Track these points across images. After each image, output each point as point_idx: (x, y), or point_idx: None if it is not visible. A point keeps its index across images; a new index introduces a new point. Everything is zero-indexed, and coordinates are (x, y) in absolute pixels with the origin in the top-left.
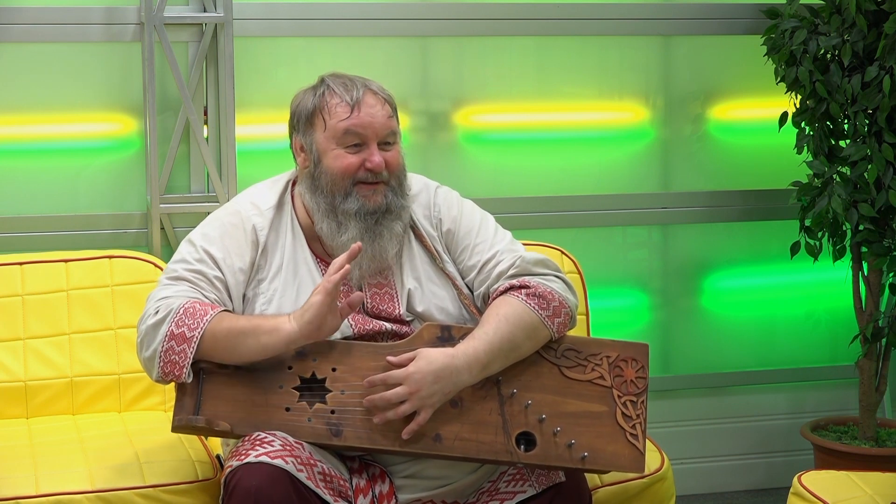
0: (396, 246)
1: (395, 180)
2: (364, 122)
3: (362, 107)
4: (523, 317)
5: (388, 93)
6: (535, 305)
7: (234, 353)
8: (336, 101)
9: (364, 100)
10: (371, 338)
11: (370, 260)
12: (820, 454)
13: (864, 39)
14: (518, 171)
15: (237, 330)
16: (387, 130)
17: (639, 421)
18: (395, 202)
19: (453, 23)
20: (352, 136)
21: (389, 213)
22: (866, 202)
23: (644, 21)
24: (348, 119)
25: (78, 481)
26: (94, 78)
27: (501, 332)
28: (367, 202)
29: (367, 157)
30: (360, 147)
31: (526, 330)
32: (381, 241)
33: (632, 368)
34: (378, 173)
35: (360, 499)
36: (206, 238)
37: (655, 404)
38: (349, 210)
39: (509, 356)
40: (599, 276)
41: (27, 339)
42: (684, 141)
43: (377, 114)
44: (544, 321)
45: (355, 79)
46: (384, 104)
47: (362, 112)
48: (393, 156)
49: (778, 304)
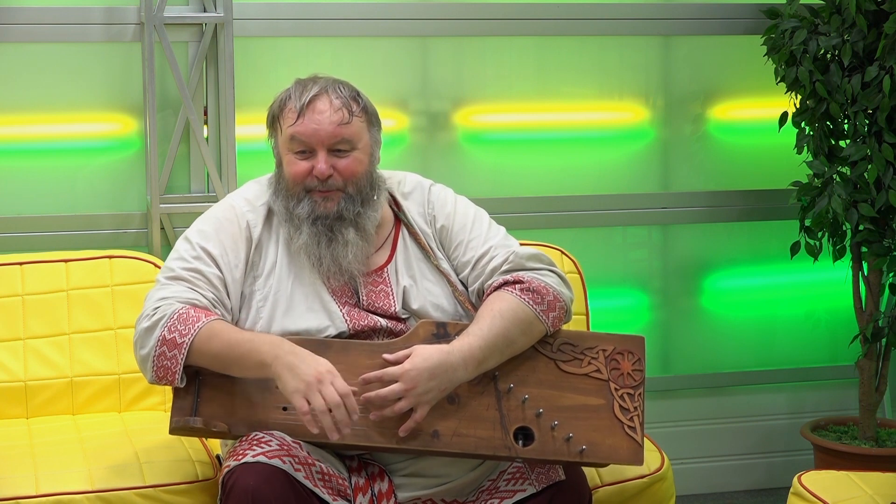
0: (353, 251)
1: (352, 188)
2: (308, 129)
3: (307, 113)
4: (518, 312)
5: (352, 95)
6: (530, 300)
7: (223, 371)
8: (290, 105)
9: (313, 105)
10: (366, 334)
11: (329, 262)
12: (820, 454)
13: (864, 39)
14: (518, 171)
15: (222, 357)
16: (335, 138)
17: (636, 413)
18: (349, 209)
19: (453, 23)
20: (297, 142)
21: (342, 219)
22: (866, 202)
23: (644, 21)
24: (293, 126)
25: (78, 481)
26: (94, 78)
27: (496, 328)
28: (317, 207)
29: (314, 163)
30: (309, 154)
31: (521, 325)
32: (335, 247)
33: (628, 361)
34: (324, 181)
35: (359, 497)
36: (202, 235)
37: (655, 404)
38: (300, 214)
39: (505, 352)
40: (599, 276)
41: (27, 339)
42: (684, 141)
43: (324, 121)
44: (539, 316)
45: (319, 81)
46: (338, 110)
47: (306, 118)
48: (347, 164)
49: (778, 304)
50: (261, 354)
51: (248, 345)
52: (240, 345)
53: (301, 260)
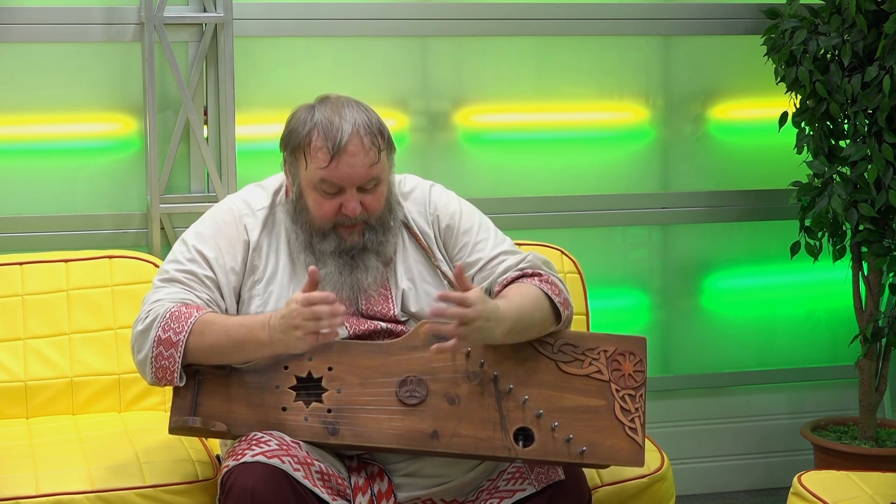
0: (374, 275)
1: (374, 220)
2: (342, 173)
3: (342, 156)
4: (540, 299)
5: (378, 129)
6: (550, 291)
7: (223, 363)
8: (319, 144)
9: (346, 148)
10: (367, 337)
11: (349, 289)
12: (820, 454)
13: (864, 39)
14: (518, 171)
15: (219, 348)
16: (366, 179)
17: (637, 415)
18: (373, 240)
19: (453, 23)
20: (328, 184)
21: (365, 250)
22: (866, 202)
23: (644, 21)
24: (326, 169)
25: (78, 481)
26: (94, 78)
27: (524, 305)
28: (344, 242)
29: (343, 202)
30: (337, 193)
31: (542, 311)
32: (357, 273)
33: (629, 362)
34: (354, 217)
35: (358, 497)
36: (198, 237)
37: (655, 404)
38: (325, 250)
39: (522, 333)
40: (599, 276)
41: (27, 339)
42: (684, 141)
43: (357, 164)
44: (558, 307)
45: (347, 114)
46: (368, 151)
47: (341, 163)
48: (373, 199)
49: (778, 304)
50: (256, 332)
51: (244, 329)
52: (237, 328)
53: (303, 267)
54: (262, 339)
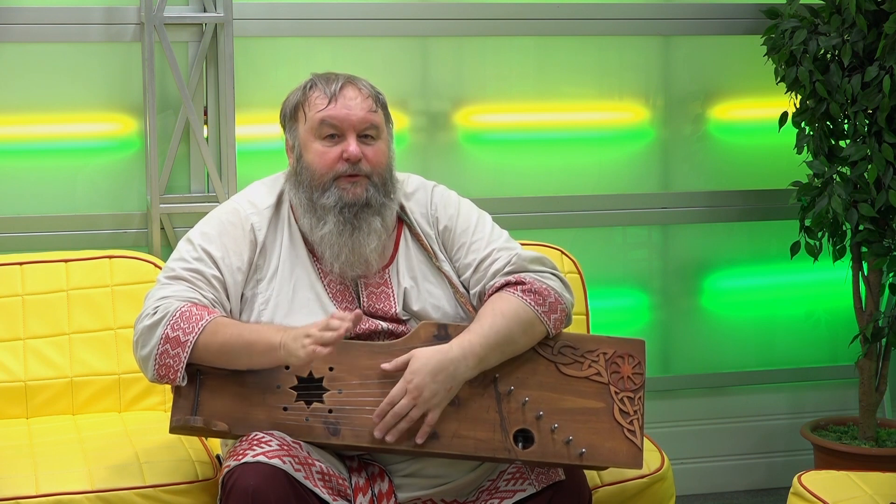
0: (375, 241)
1: (377, 177)
2: (341, 113)
3: (339, 98)
4: (519, 312)
5: (376, 90)
6: (531, 301)
7: (228, 365)
8: (317, 94)
9: (343, 92)
10: (367, 337)
11: (349, 252)
12: (820, 454)
13: (864, 39)
14: (518, 171)
15: (229, 347)
16: (365, 123)
17: (636, 417)
18: (376, 198)
19: (453, 23)
20: (328, 126)
21: (368, 206)
22: (866, 202)
23: (644, 21)
24: (325, 109)
25: (78, 481)
26: (94, 78)
27: (497, 326)
28: (346, 194)
29: (344, 147)
30: (338, 139)
31: (522, 325)
32: (359, 235)
33: (629, 364)
34: (356, 164)
35: (359, 497)
36: (204, 237)
37: (655, 404)
38: (327, 204)
39: (505, 350)
40: (599, 276)
41: (27, 339)
42: (684, 141)
43: (355, 106)
44: (540, 317)
45: (341, 75)
46: (366, 98)
47: (339, 103)
48: (374, 151)
49: (778, 304)
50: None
51: (256, 334)
52: (250, 331)
53: (304, 263)
54: (273, 341)
